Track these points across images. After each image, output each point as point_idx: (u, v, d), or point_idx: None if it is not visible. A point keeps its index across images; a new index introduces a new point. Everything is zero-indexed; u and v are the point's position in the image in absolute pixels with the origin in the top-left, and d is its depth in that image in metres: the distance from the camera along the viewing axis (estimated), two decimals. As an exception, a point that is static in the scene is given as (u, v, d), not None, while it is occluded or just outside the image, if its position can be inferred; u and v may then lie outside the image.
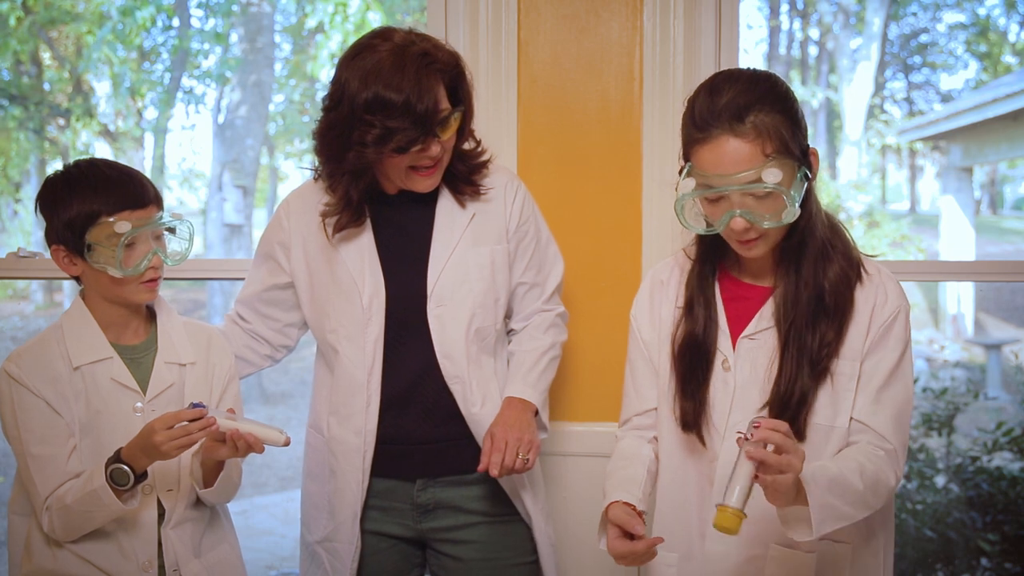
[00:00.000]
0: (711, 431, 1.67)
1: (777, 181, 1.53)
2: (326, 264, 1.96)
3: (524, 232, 2.01)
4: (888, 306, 1.64)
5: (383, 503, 1.97)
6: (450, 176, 1.95)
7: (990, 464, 4.05)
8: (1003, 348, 7.04)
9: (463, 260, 1.93)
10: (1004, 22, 9.31)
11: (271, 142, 8.87)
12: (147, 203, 1.77)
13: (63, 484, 1.73)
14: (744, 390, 1.64)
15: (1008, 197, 12.24)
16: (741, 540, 1.63)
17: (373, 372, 1.92)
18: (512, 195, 2.00)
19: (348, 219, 1.92)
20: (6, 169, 7.88)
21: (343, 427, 1.94)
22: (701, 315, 1.68)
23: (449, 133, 1.85)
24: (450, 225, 1.95)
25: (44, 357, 1.79)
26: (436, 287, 1.92)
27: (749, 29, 9.08)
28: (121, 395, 1.79)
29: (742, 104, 1.56)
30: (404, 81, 1.76)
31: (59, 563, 1.76)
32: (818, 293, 1.61)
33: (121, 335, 1.83)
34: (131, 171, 1.80)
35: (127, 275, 1.74)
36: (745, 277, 1.71)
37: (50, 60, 7.37)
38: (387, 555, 2.00)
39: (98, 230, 1.72)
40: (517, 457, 1.83)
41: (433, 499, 1.97)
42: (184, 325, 1.90)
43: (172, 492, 1.80)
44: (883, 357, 1.63)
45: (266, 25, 7.50)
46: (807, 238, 1.63)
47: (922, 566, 3.77)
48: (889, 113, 10.23)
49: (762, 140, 1.55)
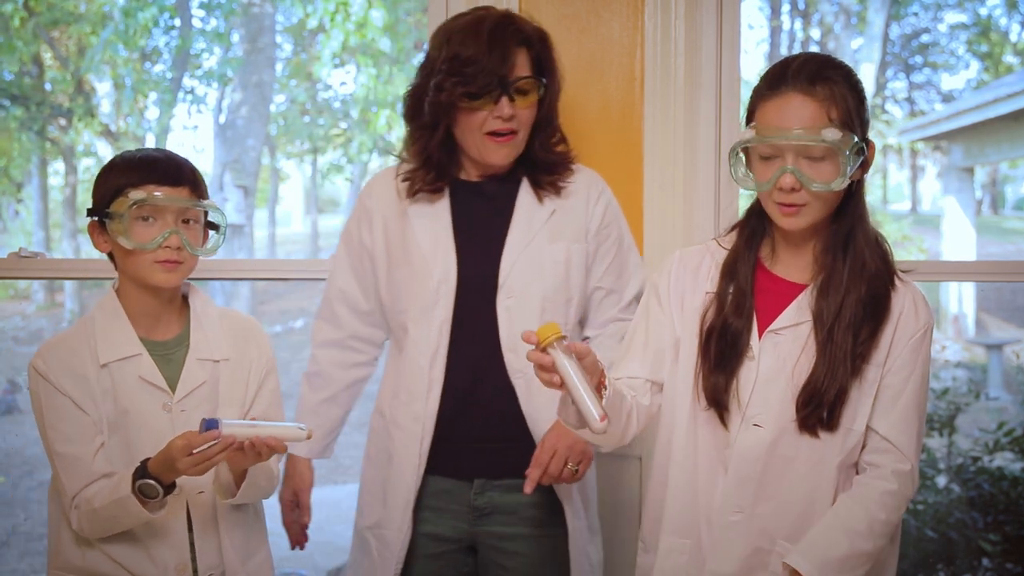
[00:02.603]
0: (729, 413, 1.67)
1: (836, 139, 1.55)
2: (401, 240, 1.94)
3: (606, 235, 1.97)
4: (919, 320, 1.63)
5: (438, 503, 1.93)
6: (531, 167, 1.94)
7: (991, 464, 4.05)
8: (1004, 348, 7.05)
9: (538, 253, 1.90)
10: (1005, 22, 9.32)
11: (272, 142, 8.88)
12: (179, 183, 1.72)
13: (91, 483, 1.70)
14: (767, 382, 1.64)
15: (1009, 197, 12.24)
16: (747, 532, 1.64)
17: (437, 357, 1.89)
18: (596, 196, 1.97)
19: (424, 180, 1.92)
20: (8, 169, 7.89)
21: (403, 412, 1.92)
22: (735, 300, 1.67)
23: (526, 102, 1.86)
24: (528, 217, 1.92)
25: (70, 353, 1.75)
26: (508, 277, 1.89)
27: (750, 29, 9.10)
28: (149, 394, 1.73)
29: (815, 71, 1.59)
30: (479, 36, 1.83)
31: (88, 562, 1.73)
32: (864, 290, 1.61)
33: (153, 329, 1.78)
34: (176, 157, 1.76)
35: (136, 248, 1.69)
36: (779, 270, 1.69)
37: (51, 60, 7.38)
38: (438, 561, 1.95)
39: (121, 200, 1.69)
40: (566, 466, 1.79)
41: (490, 503, 1.92)
42: (221, 317, 1.84)
43: (203, 495, 1.76)
44: (912, 372, 1.62)
45: (267, 25, 7.51)
46: (857, 229, 1.63)
47: (923, 566, 3.77)
48: (890, 113, 10.24)
49: (828, 105, 1.57)
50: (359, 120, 7.79)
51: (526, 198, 1.93)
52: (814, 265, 1.66)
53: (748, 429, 1.63)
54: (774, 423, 1.62)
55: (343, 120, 8.38)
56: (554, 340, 1.45)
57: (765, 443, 1.62)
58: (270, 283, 8.69)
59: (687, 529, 1.69)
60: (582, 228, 1.95)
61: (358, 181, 9.07)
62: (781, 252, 1.69)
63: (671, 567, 1.70)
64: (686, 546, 1.69)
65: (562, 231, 1.93)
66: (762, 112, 1.61)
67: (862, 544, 1.57)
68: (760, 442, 1.63)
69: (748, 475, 1.64)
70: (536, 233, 1.91)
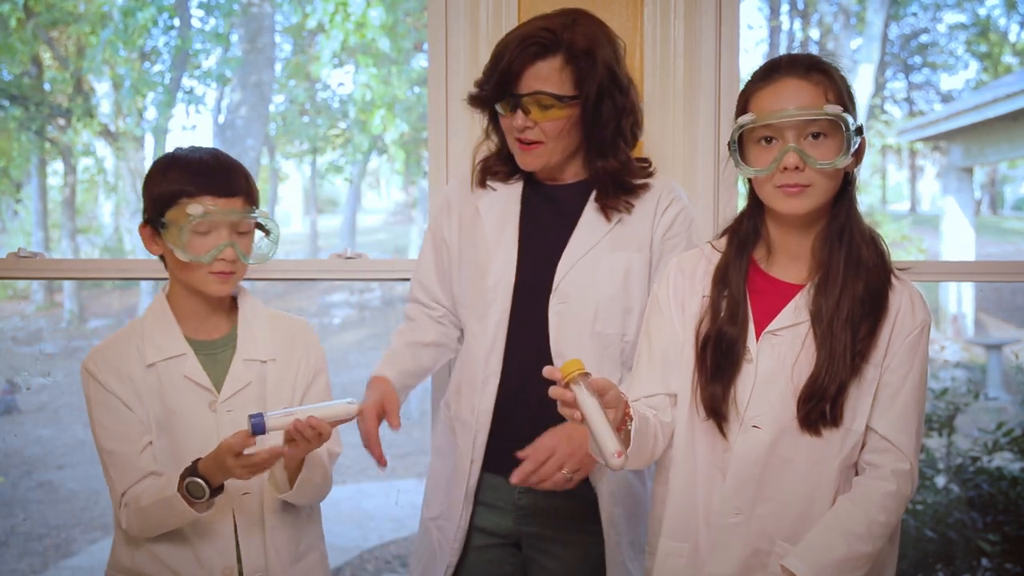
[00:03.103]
0: (728, 422, 1.67)
1: (838, 112, 1.57)
2: (471, 231, 1.97)
3: (672, 246, 1.91)
4: (915, 318, 1.63)
5: (490, 499, 1.95)
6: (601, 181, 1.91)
7: (990, 464, 4.04)
8: (1003, 348, 7.05)
9: (596, 262, 1.88)
10: (1004, 22, 9.32)
11: (271, 142, 8.88)
12: (233, 194, 1.71)
13: (139, 481, 1.71)
14: (766, 384, 1.64)
15: (1008, 197, 12.25)
16: (746, 533, 1.64)
17: (492, 354, 1.90)
18: (665, 204, 1.92)
19: (497, 161, 1.96)
20: (7, 169, 7.89)
21: (462, 405, 1.94)
22: (729, 307, 1.67)
23: (547, 116, 1.83)
24: (592, 225, 1.90)
25: (119, 354, 1.76)
26: (562, 283, 1.88)
27: (750, 30, 9.10)
28: (194, 393, 1.74)
29: (809, 62, 1.62)
30: (505, 43, 1.84)
31: (136, 563, 1.74)
32: (861, 287, 1.61)
33: (200, 329, 1.79)
34: (229, 161, 1.76)
35: (192, 261, 1.70)
36: (775, 271, 1.69)
37: (50, 61, 7.38)
38: (488, 553, 1.97)
39: (176, 210, 1.69)
40: (561, 472, 1.75)
41: (532, 504, 1.93)
42: (269, 319, 1.84)
43: (248, 496, 1.76)
44: (911, 370, 1.62)
45: (267, 25, 7.51)
46: (851, 224, 1.63)
47: (922, 566, 3.77)
48: (889, 113, 10.25)
49: (825, 88, 1.60)
50: (357, 120, 7.79)
51: (593, 209, 1.92)
52: (811, 264, 1.66)
53: (747, 431, 1.63)
54: (773, 424, 1.62)
55: (342, 120, 8.38)
56: (577, 376, 1.48)
57: (764, 444, 1.62)
58: (269, 283, 8.68)
59: (685, 533, 1.69)
60: (647, 237, 1.91)
61: (357, 181, 9.07)
62: (776, 253, 1.69)
63: (669, 570, 1.70)
64: (684, 549, 1.69)
65: (625, 240, 1.90)
66: (757, 100, 1.62)
67: (860, 546, 1.57)
68: (759, 443, 1.63)
69: (747, 477, 1.64)
70: (597, 242, 1.89)
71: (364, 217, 9.28)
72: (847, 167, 1.61)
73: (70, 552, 5.12)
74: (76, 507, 5.56)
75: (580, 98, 1.83)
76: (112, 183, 8.40)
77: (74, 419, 6.39)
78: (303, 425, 1.60)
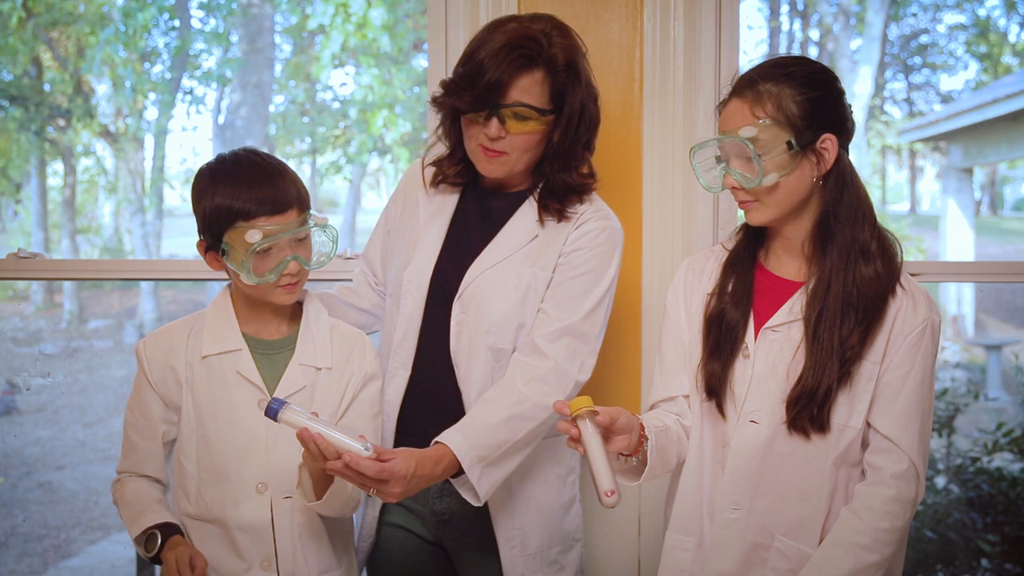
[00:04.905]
0: (726, 409, 1.68)
1: (748, 136, 1.58)
2: (410, 222, 1.97)
3: (569, 261, 1.85)
4: (917, 316, 1.62)
5: (407, 502, 1.92)
6: (544, 187, 1.88)
7: (990, 465, 4.04)
8: (1003, 349, 7.04)
9: (501, 274, 1.85)
10: (1004, 23, 9.32)
11: (271, 143, 8.87)
12: (287, 207, 1.70)
13: (132, 477, 1.80)
14: (762, 381, 1.65)
15: (1008, 198, 12.24)
16: (745, 528, 1.65)
17: (403, 347, 1.89)
18: (583, 222, 1.87)
19: (448, 170, 1.93)
20: (7, 170, 7.88)
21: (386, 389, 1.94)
22: (735, 292, 1.70)
23: (522, 128, 1.79)
24: (511, 238, 1.87)
25: (168, 343, 1.80)
26: (466, 291, 1.86)
27: (749, 30, 9.09)
28: (245, 389, 1.76)
29: (757, 76, 1.63)
30: (488, 49, 1.77)
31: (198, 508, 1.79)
32: (847, 290, 1.61)
33: (261, 329, 1.81)
34: (275, 169, 1.74)
35: (259, 283, 1.71)
36: (776, 268, 1.71)
37: (50, 61, 7.38)
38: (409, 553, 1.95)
39: (234, 233, 1.68)
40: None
41: (449, 509, 1.91)
42: (331, 328, 1.84)
43: (287, 500, 1.76)
44: (912, 369, 1.62)
45: (266, 26, 7.51)
46: (833, 229, 1.63)
47: (922, 567, 3.77)
48: (889, 114, 10.24)
49: (759, 104, 1.60)
50: (358, 120, 7.79)
51: (522, 218, 1.89)
52: (808, 264, 1.67)
53: (745, 425, 1.65)
54: (769, 419, 1.64)
55: (342, 120, 8.38)
56: (584, 412, 1.52)
57: (761, 439, 1.63)
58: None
59: (691, 526, 1.71)
60: (555, 254, 1.87)
61: (357, 181, 9.07)
62: (776, 249, 1.71)
63: (675, 563, 1.71)
64: (689, 543, 1.71)
65: (536, 257, 1.87)
66: (720, 118, 1.68)
67: (867, 556, 1.57)
68: (756, 438, 1.64)
69: (745, 471, 1.64)
70: (510, 255, 1.86)
71: (364, 217, 9.28)
72: (817, 176, 1.62)
73: (69, 553, 5.12)
74: (76, 508, 5.56)
75: (556, 112, 1.81)
76: (112, 183, 8.40)
77: (74, 419, 6.39)
78: (309, 437, 1.57)
